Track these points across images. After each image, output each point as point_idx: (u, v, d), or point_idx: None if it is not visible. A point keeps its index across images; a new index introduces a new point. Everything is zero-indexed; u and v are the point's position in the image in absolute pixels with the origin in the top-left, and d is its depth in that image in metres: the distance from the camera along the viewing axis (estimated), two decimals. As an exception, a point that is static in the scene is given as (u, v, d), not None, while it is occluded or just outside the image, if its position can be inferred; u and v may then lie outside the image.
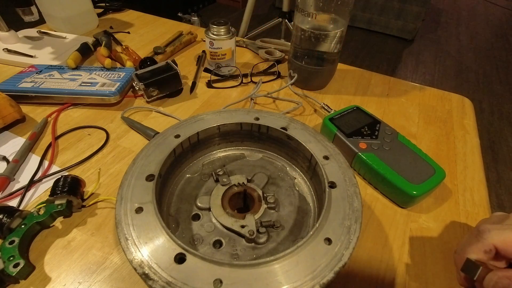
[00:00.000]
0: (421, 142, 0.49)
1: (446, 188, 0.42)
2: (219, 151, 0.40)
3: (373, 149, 0.41)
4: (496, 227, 0.24)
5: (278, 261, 0.24)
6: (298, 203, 0.34)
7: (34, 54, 0.63)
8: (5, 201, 0.37)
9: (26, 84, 0.51)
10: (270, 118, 0.38)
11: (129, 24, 0.81)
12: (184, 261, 0.24)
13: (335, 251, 0.25)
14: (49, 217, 0.34)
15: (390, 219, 0.38)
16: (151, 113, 0.52)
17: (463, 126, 0.53)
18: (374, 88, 0.61)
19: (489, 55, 2.38)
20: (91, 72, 0.56)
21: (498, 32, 2.74)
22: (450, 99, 0.59)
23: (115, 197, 0.29)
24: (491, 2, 3.27)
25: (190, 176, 0.37)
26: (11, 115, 0.46)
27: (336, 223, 0.27)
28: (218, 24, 0.56)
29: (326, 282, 0.23)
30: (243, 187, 0.34)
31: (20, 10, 0.60)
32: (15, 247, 0.30)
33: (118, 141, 0.47)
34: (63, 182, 0.35)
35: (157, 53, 0.66)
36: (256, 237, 0.30)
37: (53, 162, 0.43)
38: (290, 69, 0.58)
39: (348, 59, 2.23)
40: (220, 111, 0.39)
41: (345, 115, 0.47)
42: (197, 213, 0.33)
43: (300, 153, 0.36)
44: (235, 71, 0.62)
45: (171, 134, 0.35)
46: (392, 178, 0.38)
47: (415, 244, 0.36)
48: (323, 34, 0.50)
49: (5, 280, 0.29)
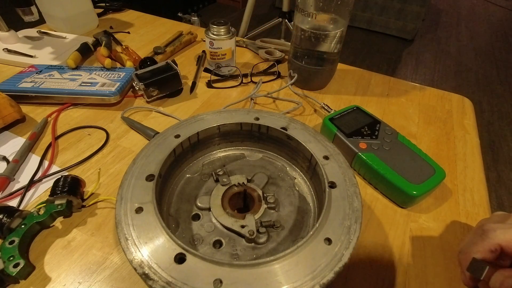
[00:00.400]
0: (421, 142, 0.49)
1: (446, 188, 0.42)
2: (219, 151, 0.40)
3: (373, 149, 0.41)
4: (501, 226, 0.24)
5: (278, 261, 0.24)
6: (298, 203, 0.34)
7: (34, 54, 0.63)
8: (5, 201, 0.37)
9: (26, 84, 0.51)
10: (270, 118, 0.38)
11: (129, 24, 0.81)
12: (184, 261, 0.24)
13: (335, 251, 0.25)
14: (49, 217, 0.34)
15: (390, 219, 0.38)
16: (151, 113, 0.52)
17: (463, 126, 0.53)
18: (374, 88, 0.61)
19: (489, 55, 2.38)
20: (91, 72, 0.56)
21: (498, 32, 2.74)
22: (450, 99, 0.59)
23: (115, 197, 0.29)
24: (491, 2, 3.27)
25: (190, 176, 0.37)
26: (11, 115, 0.46)
27: (336, 223, 0.27)
28: (218, 24, 0.56)
29: (326, 282, 0.23)
30: (243, 187, 0.34)
31: (20, 10, 0.60)
32: (15, 247, 0.30)
33: (118, 141, 0.47)
34: (63, 182, 0.35)
35: (157, 53, 0.66)
36: (256, 237, 0.30)
37: (53, 162, 0.43)
38: (290, 69, 0.58)
39: (348, 59, 2.23)
40: (220, 111, 0.39)
41: (345, 115, 0.47)
42: (197, 213, 0.33)
43: (300, 153, 0.36)
44: (235, 71, 0.62)
45: (171, 134, 0.35)
46: (392, 178, 0.38)
47: (415, 244, 0.36)
48: (323, 34, 0.50)
49: (5, 280, 0.29)
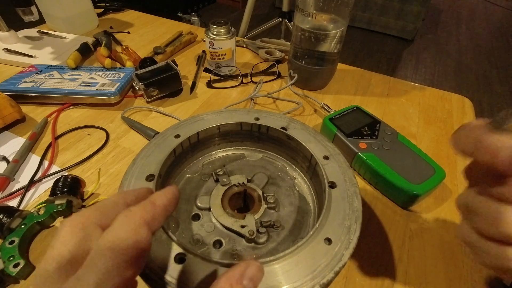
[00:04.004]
0: (421, 142, 0.49)
1: (446, 188, 0.42)
2: (219, 151, 0.40)
3: (373, 149, 0.41)
4: None
5: (278, 261, 0.24)
6: (298, 203, 0.34)
7: (34, 54, 0.63)
8: (5, 201, 0.37)
9: (26, 84, 0.51)
10: (270, 118, 0.38)
11: (129, 24, 0.81)
12: (184, 261, 0.24)
13: (335, 251, 0.25)
14: (49, 217, 0.34)
15: (390, 219, 0.38)
16: (151, 113, 0.52)
17: (463, 126, 0.53)
18: (374, 88, 0.61)
19: (489, 55, 2.38)
20: (91, 72, 0.56)
21: (498, 32, 2.74)
22: (450, 99, 0.59)
23: (115, 197, 0.29)
24: (491, 2, 3.27)
25: (190, 176, 0.37)
26: (11, 115, 0.46)
27: (336, 223, 0.27)
28: (218, 24, 0.56)
29: (326, 282, 0.23)
30: (243, 187, 0.34)
31: (20, 10, 0.60)
32: (15, 247, 0.30)
33: (118, 141, 0.47)
34: (63, 182, 0.35)
35: (157, 53, 0.66)
36: (256, 237, 0.30)
37: (53, 162, 0.43)
38: (290, 69, 0.58)
39: (348, 59, 2.23)
40: (220, 111, 0.39)
41: (345, 115, 0.47)
42: (197, 213, 0.33)
43: (300, 153, 0.36)
44: (235, 71, 0.62)
45: (171, 134, 0.35)
46: (392, 178, 0.38)
47: (415, 244, 0.36)
48: (323, 34, 0.50)
49: (5, 280, 0.29)
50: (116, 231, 0.16)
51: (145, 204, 0.17)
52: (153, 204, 0.17)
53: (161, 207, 0.18)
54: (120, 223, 0.16)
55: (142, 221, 0.16)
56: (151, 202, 0.18)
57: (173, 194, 0.19)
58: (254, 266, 0.18)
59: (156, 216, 0.17)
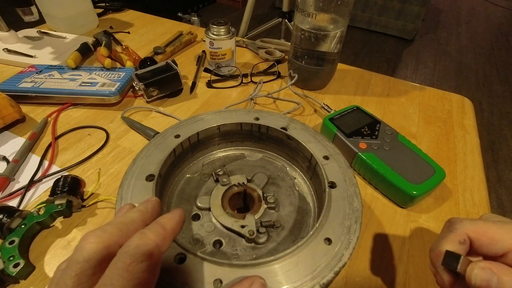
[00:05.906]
0: (421, 142, 0.49)
1: (446, 188, 0.42)
2: (219, 151, 0.40)
3: (373, 149, 0.41)
4: (467, 218, 0.24)
5: (278, 261, 0.24)
6: (298, 203, 0.34)
7: (34, 54, 0.63)
8: (5, 201, 0.37)
9: (26, 84, 0.51)
10: (270, 118, 0.38)
11: (129, 24, 0.81)
12: (184, 261, 0.24)
13: (335, 251, 0.25)
14: (49, 217, 0.34)
15: (390, 219, 0.38)
16: (151, 113, 0.52)
17: (463, 126, 0.53)
18: (374, 88, 0.61)
19: (489, 55, 2.38)
20: (91, 72, 0.56)
21: (498, 32, 2.74)
22: (450, 99, 0.59)
23: (115, 197, 0.29)
24: (491, 2, 3.27)
25: (190, 176, 0.37)
26: (11, 115, 0.46)
27: (336, 223, 0.27)
28: (218, 24, 0.56)
29: (326, 282, 0.23)
30: (243, 187, 0.34)
31: (20, 10, 0.60)
32: (15, 247, 0.30)
33: (118, 141, 0.47)
34: (63, 182, 0.35)
35: (157, 53, 0.66)
36: (256, 237, 0.30)
37: (53, 162, 0.43)
38: (290, 69, 0.58)
39: (348, 59, 2.23)
40: (220, 111, 0.39)
41: (345, 115, 0.47)
42: (197, 213, 0.33)
43: (300, 153, 0.36)
44: (235, 71, 0.62)
45: (171, 134, 0.35)
46: (392, 178, 0.38)
47: (415, 244, 0.36)
48: (323, 34, 0.50)
49: (5, 280, 0.29)
50: (132, 254, 0.17)
51: (156, 228, 0.19)
52: (163, 227, 0.19)
53: (169, 231, 0.19)
54: (136, 247, 0.17)
55: (155, 245, 0.18)
56: (162, 226, 0.19)
57: (180, 217, 0.21)
58: (258, 283, 0.20)
59: (166, 238, 0.19)
